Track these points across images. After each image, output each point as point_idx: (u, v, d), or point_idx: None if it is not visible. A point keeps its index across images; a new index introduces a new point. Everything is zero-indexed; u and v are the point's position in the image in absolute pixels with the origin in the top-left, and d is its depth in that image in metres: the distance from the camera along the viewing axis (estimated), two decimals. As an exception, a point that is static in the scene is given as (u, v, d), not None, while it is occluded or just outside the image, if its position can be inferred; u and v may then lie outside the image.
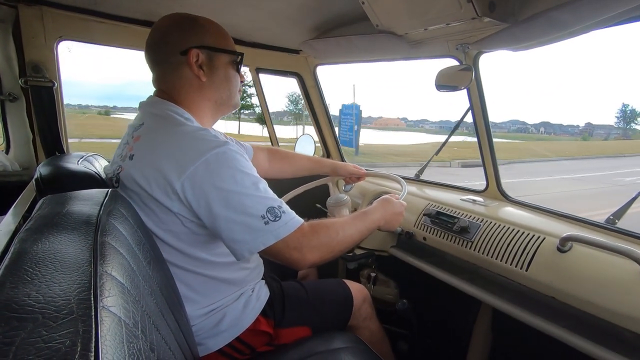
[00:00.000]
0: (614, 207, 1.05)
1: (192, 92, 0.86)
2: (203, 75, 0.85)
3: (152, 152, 0.75)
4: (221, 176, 0.71)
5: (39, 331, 0.28)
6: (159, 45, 0.85)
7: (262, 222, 0.72)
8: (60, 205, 0.53)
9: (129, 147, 0.81)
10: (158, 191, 0.73)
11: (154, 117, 0.83)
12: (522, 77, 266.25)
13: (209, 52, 0.85)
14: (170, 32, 0.84)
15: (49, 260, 0.38)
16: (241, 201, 0.71)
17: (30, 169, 1.37)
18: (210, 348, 0.86)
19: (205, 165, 0.71)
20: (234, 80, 0.91)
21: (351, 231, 0.89)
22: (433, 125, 59.60)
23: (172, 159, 0.72)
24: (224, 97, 0.91)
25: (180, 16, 0.87)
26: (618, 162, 16.94)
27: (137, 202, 0.76)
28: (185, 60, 0.83)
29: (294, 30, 1.52)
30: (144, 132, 0.80)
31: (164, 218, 0.76)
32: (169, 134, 0.76)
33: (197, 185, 0.71)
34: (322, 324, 1.00)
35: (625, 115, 71.20)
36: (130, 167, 0.77)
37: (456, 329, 1.37)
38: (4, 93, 1.30)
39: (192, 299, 0.84)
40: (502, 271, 1.04)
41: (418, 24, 1.11)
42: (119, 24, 1.38)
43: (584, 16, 0.83)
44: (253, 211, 0.72)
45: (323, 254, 0.81)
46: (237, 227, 0.71)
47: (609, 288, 0.83)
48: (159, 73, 0.88)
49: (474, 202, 1.33)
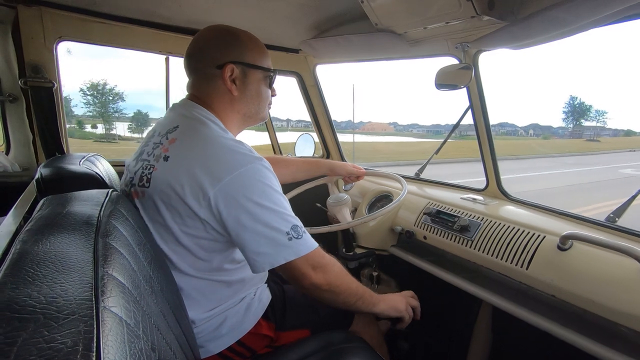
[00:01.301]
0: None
1: (224, 103, 0.90)
2: (235, 90, 0.88)
3: (190, 158, 0.77)
4: (254, 190, 0.75)
5: (41, 331, 0.28)
6: (198, 56, 0.89)
7: (287, 238, 0.75)
8: (60, 206, 0.53)
9: (164, 148, 0.81)
10: (190, 196, 0.74)
11: (190, 122, 0.84)
12: (513, 79, 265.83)
13: (243, 68, 0.89)
14: (211, 44, 0.88)
15: (50, 261, 0.38)
16: (270, 216, 0.75)
17: (30, 169, 1.37)
18: (211, 351, 0.86)
19: (240, 178, 0.74)
20: (264, 96, 0.95)
21: (357, 284, 0.93)
22: (421, 129, 58.78)
23: (208, 168, 0.74)
24: (252, 110, 0.94)
25: (223, 30, 0.90)
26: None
27: (165, 202, 0.77)
28: (220, 73, 0.87)
29: (293, 29, 1.52)
30: (179, 136, 0.81)
31: (189, 222, 0.77)
32: (207, 142, 0.78)
33: (230, 195, 0.73)
34: (323, 327, 1.00)
35: (574, 110, 60.53)
36: (165, 169, 0.78)
37: (457, 327, 1.37)
38: (3, 94, 1.30)
39: (196, 302, 0.84)
40: (503, 270, 1.05)
41: (417, 22, 1.11)
42: (118, 24, 1.38)
43: (583, 14, 0.83)
44: (280, 227, 0.75)
45: (330, 280, 0.84)
46: (262, 240, 0.74)
47: (610, 286, 0.83)
48: (195, 81, 0.91)
49: (474, 200, 1.33)
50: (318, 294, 0.85)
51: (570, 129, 58.71)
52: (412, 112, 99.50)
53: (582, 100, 66.57)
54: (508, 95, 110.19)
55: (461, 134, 28.44)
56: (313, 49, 1.59)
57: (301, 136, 2.04)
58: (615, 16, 0.85)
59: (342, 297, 0.88)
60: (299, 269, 0.79)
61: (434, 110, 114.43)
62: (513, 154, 17.10)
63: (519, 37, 1.00)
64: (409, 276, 1.48)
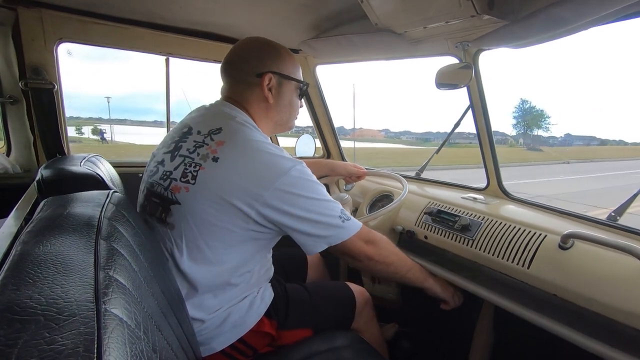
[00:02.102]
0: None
1: (260, 109, 0.97)
2: (271, 98, 0.96)
3: (241, 163, 0.82)
4: (303, 187, 0.84)
5: (42, 333, 0.28)
6: (238, 64, 0.96)
7: (340, 221, 0.87)
8: (61, 207, 0.53)
9: (211, 149, 0.84)
10: (241, 198, 0.80)
11: (235, 125, 0.89)
12: (505, 88, 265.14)
13: (280, 78, 0.96)
14: (252, 54, 0.96)
15: (51, 262, 0.38)
16: (322, 205, 0.85)
17: (31, 171, 1.37)
18: (214, 348, 0.87)
19: (290, 179, 0.82)
20: (295, 106, 1.04)
21: (409, 261, 1.08)
22: (411, 136, 57.86)
23: (260, 173, 0.81)
24: (284, 119, 1.03)
25: (263, 42, 0.98)
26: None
27: (212, 199, 0.80)
28: (259, 81, 0.94)
29: (293, 30, 1.52)
30: (227, 139, 0.85)
31: (234, 221, 0.82)
32: (255, 149, 0.84)
33: (284, 195, 0.81)
34: (325, 326, 1.00)
35: (524, 115, 55.95)
36: (215, 169, 0.82)
37: (458, 327, 1.37)
38: (4, 95, 1.30)
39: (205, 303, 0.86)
40: (504, 269, 1.04)
41: (417, 22, 1.11)
42: (118, 25, 1.38)
43: (584, 12, 0.83)
44: (333, 212, 0.87)
45: (381, 250, 0.97)
46: (320, 226, 0.85)
47: (611, 285, 0.83)
48: (234, 86, 0.97)
49: (475, 200, 1.33)
50: (372, 266, 0.96)
51: (561, 138, 56.39)
52: (405, 118, 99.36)
53: (533, 105, 62.28)
54: (499, 104, 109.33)
55: (450, 142, 28.17)
56: (313, 49, 1.59)
57: (302, 137, 2.04)
58: (616, 14, 0.85)
59: (392, 267, 1.01)
60: (354, 245, 0.90)
61: (427, 116, 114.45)
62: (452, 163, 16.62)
63: (519, 36, 1.00)
64: None
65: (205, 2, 1.24)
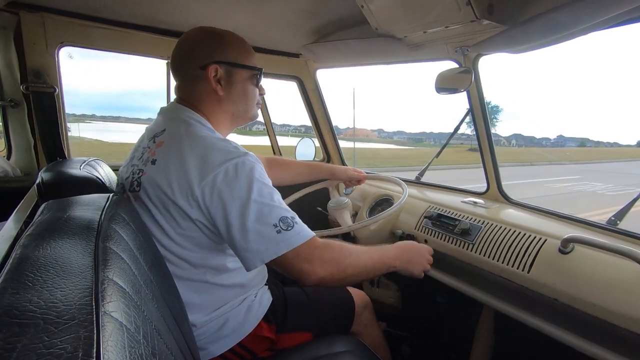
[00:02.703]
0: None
1: (211, 103, 0.90)
2: (220, 90, 0.88)
3: (176, 159, 0.77)
4: (239, 185, 0.74)
5: (41, 337, 0.28)
6: (182, 58, 0.89)
7: (275, 231, 0.73)
8: (61, 211, 0.53)
9: (151, 151, 0.82)
10: (180, 197, 0.75)
11: (177, 124, 0.85)
12: (499, 89, 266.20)
13: (228, 68, 0.88)
14: (194, 46, 0.88)
15: (51, 266, 0.38)
16: (256, 209, 0.73)
17: (31, 174, 1.38)
18: (213, 353, 0.86)
19: (225, 174, 0.73)
20: (251, 94, 0.94)
21: (364, 257, 0.88)
22: (402, 136, 56.41)
23: (194, 166, 0.75)
24: (240, 110, 0.94)
25: (206, 31, 0.90)
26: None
27: (158, 206, 0.77)
28: (204, 74, 0.86)
29: (294, 34, 1.52)
30: (166, 138, 0.82)
31: (184, 224, 0.77)
32: (192, 142, 0.78)
33: (215, 192, 0.73)
34: (324, 330, 1.00)
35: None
36: (153, 172, 0.78)
37: (458, 331, 1.37)
38: (5, 99, 1.31)
39: (196, 305, 0.84)
40: (504, 273, 1.04)
41: (417, 27, 1.11)
42: (119, 29, 1.39)
43: (583, 18, 0.84)
44: (267, 219, 0.73)
45: (333, 270, 0.81)
46: (250, 236, 0.73)
47: (612, 289, 0.83)
48: (182, 83, 0.92)
49: (475, 204, 1.33)
50: (325, 285, 0.81)
51: (553, 139, 55.38)
52: (400, 118, 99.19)
53: (489, 101, 62.85)
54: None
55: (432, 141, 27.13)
56: (313, 53, 1.60)
57: (302, 140, 2.04)
58: (615, 20, 0.85)
59: (350, 279, 0.86)
60: (293, 264, 0.76)
61: (421, 117, 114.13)
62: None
63: (518, 41, 1.01)
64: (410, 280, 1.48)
65: (206, 6, 1.25)
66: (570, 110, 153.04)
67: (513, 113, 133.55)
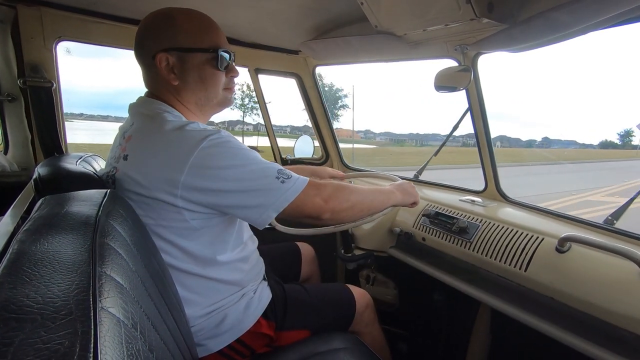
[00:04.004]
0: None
1: (169, 94, 0.85)
2: (174, 79, 0.82)
3: (147, 151, 0.75)
4: (223, 157, 0.73)
5: (38, 332, 0.28)
6: (136, 49, 0.85)
7: (279, 182, 0.75)
8: (59, 206, 0.53)
9: (122, 147, 0.81)
10: (158, 189, 0.73)
11: (143, 117, 0.83)
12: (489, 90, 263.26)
13: (179, 54, 0.81)
14: (144, 35, 0.83)
15: (48, 261, 0.38)
16: (251, 170, 0.74)
17: (28, 169, 1.37)
18: (211, 349, 0.86)
19: (204, 153, 0.72)
20: (211, 80, 0.85)
21: (361, 188, 0.92)
22: (386, 137, 55.17)
23: (168, 155, 0.72)
24: (202, 98, 0.87)
25: (158, 15, 0.83)
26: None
27: (136, 201, 0.76)
28: (155, 64, 0.81)
29: (293, 31, 1.52)
30: (134, 132, 0.80)
31: (166, 215, 0.76)
32: (160, 131, 0.76)
33: (204, 171, 0.72)
34: (323, 328, 1.00)
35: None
36: (126, 167, 0.77)
37: (455, 329, 1.37)
38: (2, 94, 1.30)
39: (193, 301, 0.84)
40: (501, 271, 1.05)
41: (417, 25, 1.11)
42: (117, 24, 1.38)
43: (583, 17, 0.84)
44: (267, 174, 0.75)
45: (341, 201, 0.84)
46: (256, 193, 0.74)
47: (608, 288, 0.84)
48: (144, 76, 0.88)
49: (473, 202, 1.33)
50: (338, 218, 0.85)
51: (538, 141, 54.82)
52: (388, 119, 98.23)
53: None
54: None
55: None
56: (312, 50, 1.60)
57: (301, 137, 2.04)
58: (616, 19, 0.85)
59: (357, 207, 0.89)
60: (307, 203, 0.79)
61: (413, 118, 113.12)
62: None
63: (518, 40, 1.01)
64: (408, 278, 1.48)
65: (205, 2, 1.24)
66: (556, 113, 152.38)
67: (499, 113, 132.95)
